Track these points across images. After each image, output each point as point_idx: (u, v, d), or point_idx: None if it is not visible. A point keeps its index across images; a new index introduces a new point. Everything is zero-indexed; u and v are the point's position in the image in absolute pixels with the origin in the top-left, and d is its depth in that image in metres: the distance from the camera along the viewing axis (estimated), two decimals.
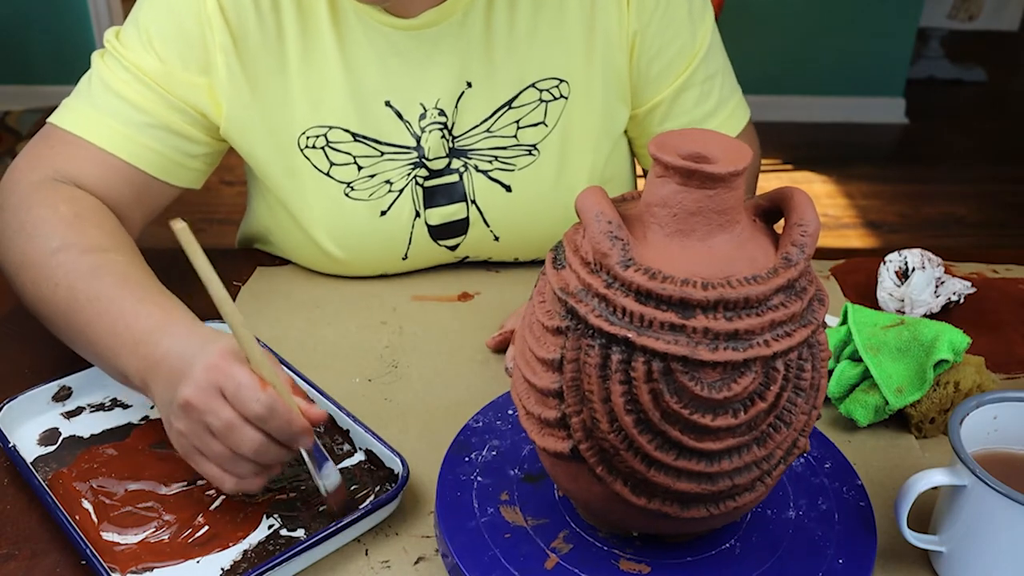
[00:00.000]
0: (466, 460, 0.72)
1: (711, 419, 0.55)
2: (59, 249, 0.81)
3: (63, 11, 3.45)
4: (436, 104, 0.96)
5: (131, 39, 0.92)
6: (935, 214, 3.15)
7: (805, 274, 0.58)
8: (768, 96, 3.65)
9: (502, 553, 0.64)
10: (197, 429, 0.67)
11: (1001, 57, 4.33)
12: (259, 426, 0.65)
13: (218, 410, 0.65)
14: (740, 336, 0.54)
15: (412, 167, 0.97)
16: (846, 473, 0.72)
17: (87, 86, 0.93)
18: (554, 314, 0.59)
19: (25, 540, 0.70)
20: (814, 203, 0.59)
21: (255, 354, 0.65)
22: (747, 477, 0.58)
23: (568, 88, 0.97)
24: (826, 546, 0.66)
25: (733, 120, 1.04)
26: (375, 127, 0.95)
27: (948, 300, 0.96)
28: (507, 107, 0.97)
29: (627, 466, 0.58)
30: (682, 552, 0.65)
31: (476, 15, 0.94)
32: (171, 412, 0.68)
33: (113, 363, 0.75)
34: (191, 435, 0.67)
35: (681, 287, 0.54)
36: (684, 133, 0.59)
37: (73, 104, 0.92)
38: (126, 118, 0.91)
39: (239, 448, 0.66)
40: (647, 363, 0.54)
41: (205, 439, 0.67)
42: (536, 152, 0.98)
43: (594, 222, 0.56)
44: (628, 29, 0.96)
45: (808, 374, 0.57)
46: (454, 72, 0.95)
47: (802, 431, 0.60)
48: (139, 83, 0.91)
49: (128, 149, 0.91)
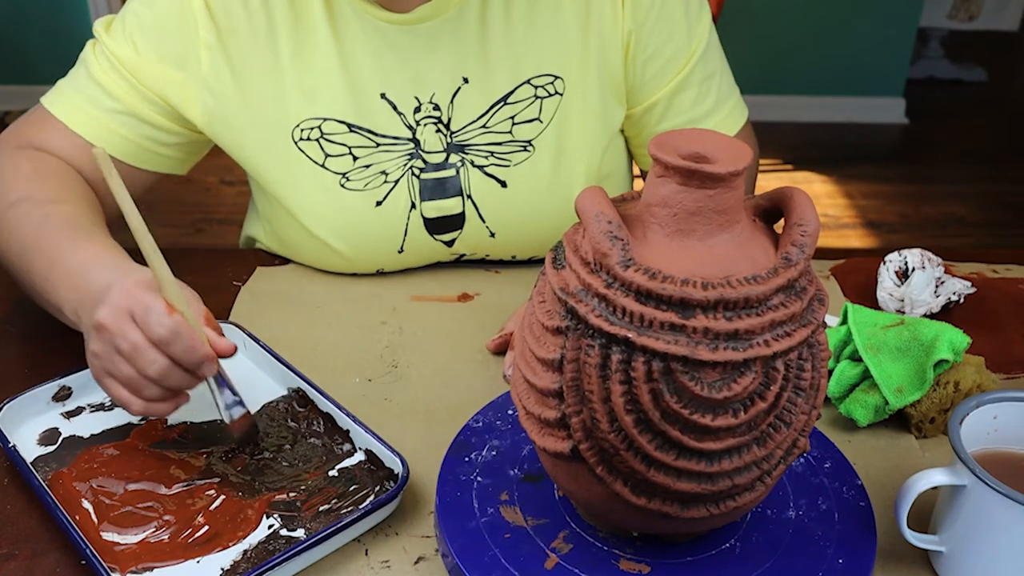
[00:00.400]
0: (466, 460, 0.72)
1: (711, 419, 0.55)
2: (16, 202, 0.88)
3: (63, 11, 3.45)
4: (431, 99, 0.96)
5: (117, 29, 0.96)
6: (935, 214, 3.15)
7: (805, 274, 0.58)
8: (768, 96, 3.65)
9: (502, 553, 0.64)
10: (108, 351, 0.71)
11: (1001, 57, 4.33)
12: (164, 350, 0.69)
13: (127, 332, 0.69)
14: (740, 336, 0.54)
15: (408, 158, 0.97)
16: (846, 473, 0.72)
17: (75, 71, 0.98)
18: (554, 314, 0.59)
19: (25, 540, 0.70)
20: (814, 203, 0.59)
21: (166, 281, 0.70)
22: (747, 477, 0.58)
23: (563, 84, 0.97)
24: (826, 546, 0.66)
25: (731, 120, 1.04)
26: (370, 119, 0.96)
27: (948, 300, 0.96)
28: (502, 103, 0.97)
29: (627, 466, 0.58)
30: (682, 552, 0.65)
31: (471, 11, 0.94)
32: (88, 334, 0.73)
33: (52, 299, 0.81)
34: (103, 357, 0.71)
35: (681, 287, 0.54)
36: (684, 133, 0.59)
37: (60, 86, 0.98)
38: (99, 103, 0.95)
39: (145, 371, 0.70)
40: (647, 363, 0.54)
41: (115, 360, 0.71)
42: (531, 148, 0.98)
43: (594, 222, 0.56)
44: (623, 29, 0.96)
45: (808, 374, 0.57)
46: (449, 68, 0.95)
47: (802, 431, 0.60)
48: (114, 71, 0.95)
49: (95, 132, 0.95)
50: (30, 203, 0.87)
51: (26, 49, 3.50)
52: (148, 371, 0.70)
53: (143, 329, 0.69)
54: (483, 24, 0.95)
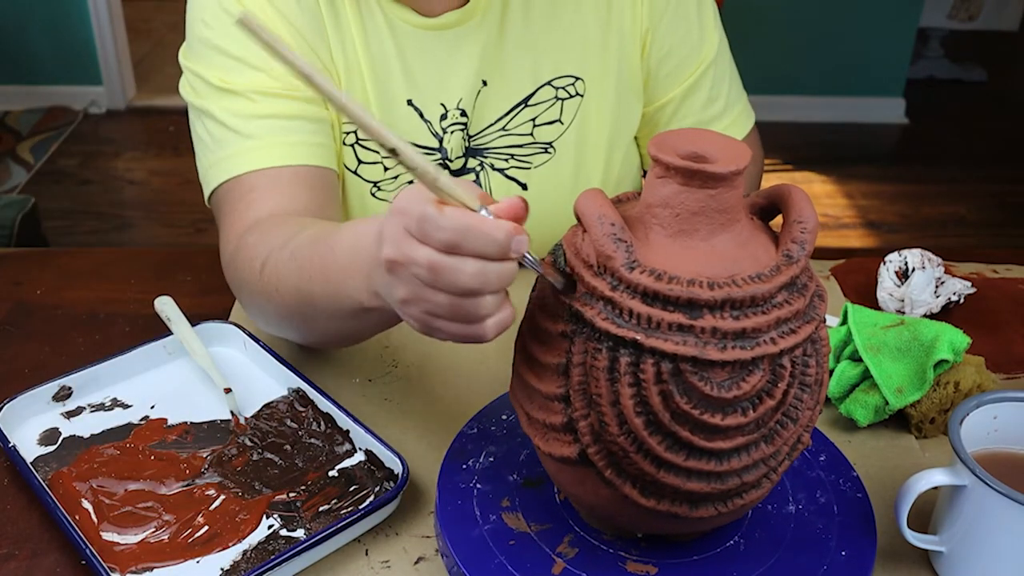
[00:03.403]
0: (464, 467, 0.72)
1: (721, 418, 0.55)
2: (264, 264, 0.79)
3: (63, 11, 3.44)
4: (458, 105, 0.95)
5: (223, 70, 0.89)
6: (935, 214, 3.15)
7: (805, 271, 0.58)
8: (768, 96, 3.64)
9: (508, 560, 0.64)
10: (413, 288, 0.59)
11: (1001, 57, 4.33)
12: (462, 252, 0.56)
13: (415, 253, 0.57)
14: (748, 335, 0.54)
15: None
16: (841, 465, 0.73)
17: (211, 138, 0.90)
18: (558, 318, 0.58)
19: (25, 540, 0.70)
20: (811, 200, 0.59)
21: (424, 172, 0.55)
22: (755, 474, 0.58)
23: (584, 86, 0.97)
24: (828, 538, 0.66)
25: (738, 124, 1.05)
26: (398, 126, 0.95)
27: (948, 300, 0.96)
28: (523, 105, 0.97)
29: (637, 468, 0.57)
30: (688, 551, 0.65)
31: (493, 14, 0.93)
32: (386, 289, 0.62)
33: (347, 302, 0.69)
34: (413, 300, 0.59)
35: (688, 287, 0.54)
36: (682, 133, 0.59)
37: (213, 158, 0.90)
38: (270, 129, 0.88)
39: (457, 284, 0.56)
40: (656, 364, 0.54)
41: (426, 295, 0.58)
42: (552, 150, 0.98)
43: (597, 224, 0.56)
44: (641, 26, 0.97)
45: (813, 370, 0.58)
46: (472, 72, 0.95)
47: (806, 427, 0.60)
48: (259, 95, 0.89)
49: (289, 155, 0.88)
50: (275, 255, 0.79)
51: (26, 49, 3.50)
52: (460, 283, 0.56)
53: (428, 244, 0.56)
54: (503, 26, 0.94)
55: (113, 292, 1.01)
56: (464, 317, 0.58)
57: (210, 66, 0.90)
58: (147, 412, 0.82)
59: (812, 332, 0.57)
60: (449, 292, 0.57)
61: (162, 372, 0.87)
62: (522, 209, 0.57)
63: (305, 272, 0.74)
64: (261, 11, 0.89)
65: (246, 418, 0.81)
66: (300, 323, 0.80)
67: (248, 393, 0.84)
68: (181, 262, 1.07)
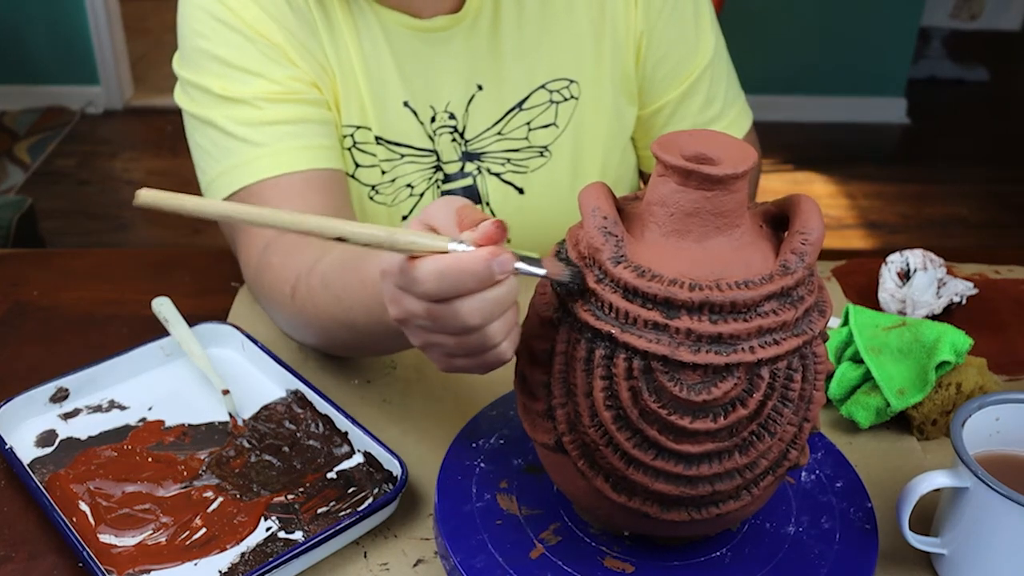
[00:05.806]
0: (473, 446, 0.73)
1: (689, 421, 0.55)
2: (293, 288, 0.80)
3: (60, 10, 3.44)
4: (446, 107, 0.95)
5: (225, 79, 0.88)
6: (937, 214, 3.14)
7: (804, 283, 0.57)
8: (768, 96, 3.64)
9: (490, 539, 0.65)
10: (423, 336, 0.60)
11: (1003, 57, 4.32)
12: (447, 296, 0.56)
13: (411, 307, 0.58)
14: (724, 340, 0.54)
15: (433, 171, 0.96)
16: (856, 494, 0.70)
17: (216, 148, 0.89)
18: (549, 306, 0.59)
19: (22, 542, 0.70)
20: (821, 212, 0.58)
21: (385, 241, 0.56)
22: (729, 484, 0.58)
23: (578, 89, 0.97)
24: (820, 565, 0.64)
25: (736, 125, 1.04)
26: (394, 128, 0.94)
27: (950, 301, 0.96)
28: (518, 109, 0.96)
29: (607, 462, 0.58)
30: (670, 556, 0.65)
31: (484, 18, 0.93)
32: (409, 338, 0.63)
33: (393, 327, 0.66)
34: (427, 346, 0.61)
35: (667, 287, 0.54)
36: (691, 133, 0.59)
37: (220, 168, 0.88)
38: (278, 135, 0.87)
39: (461, 326, 0.57)
40: (628, 360, 0.55)
41: (435, 340, 0.60)
42: (548, 153, 0.98)
43: (590, 217, 0.57)
44: (635, 29, 0.96)
45: (798, 385, 0.56)
46: (464, 76, 0.94)
47: (792, 443, 0.59)
48: (265, 102, 0.88)
49: (299, 160, 0.87)
50: (304, 281, 0.79)
51: (24, 49, 3.50)
52: (460, 324, 0.57)
53: (418, 297, 0.57)
54: (496, 30, 0.94)
55: (110, 293, 1.01)
56: (477, 350, 0.59)
57: (210, 76, 0.89)
58: (145, 414, 0.82)
59: (801, 346, 0.56)
60: (455, 334, 0.58)
61: (160, 373, 0.87)
62: (497, 233, 0.56)
63: (344, 303, 0.74)
64: (249, 13, 0.88)
65: (244, 420, 0.81)
66: (349, 341, 0.80)
67: (246, 395, 0.83)
68: (179, 263, 1.07)
